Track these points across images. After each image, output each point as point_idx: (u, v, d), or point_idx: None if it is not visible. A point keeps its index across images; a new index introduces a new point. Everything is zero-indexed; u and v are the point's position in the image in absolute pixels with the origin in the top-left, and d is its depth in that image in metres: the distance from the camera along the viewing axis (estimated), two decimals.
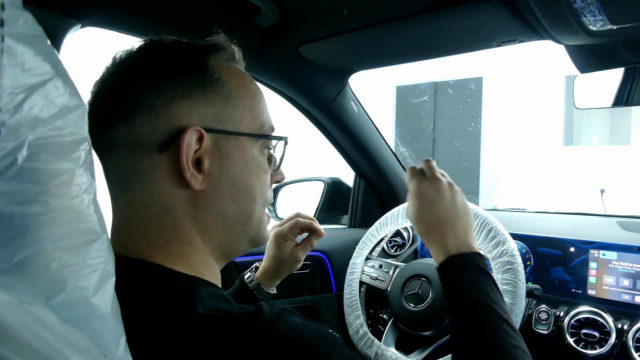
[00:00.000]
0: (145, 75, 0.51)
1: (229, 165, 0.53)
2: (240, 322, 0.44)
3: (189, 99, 0.50)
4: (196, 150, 0.50)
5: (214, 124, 0.51)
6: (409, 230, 1.45)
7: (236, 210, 0.54)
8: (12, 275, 0.30)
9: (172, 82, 0.50)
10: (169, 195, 0.50)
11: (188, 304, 0.45)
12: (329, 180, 1.67)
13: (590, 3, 0.74)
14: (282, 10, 0.97)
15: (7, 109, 0.29)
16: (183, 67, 0.52)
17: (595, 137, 6.63)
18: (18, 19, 0.30)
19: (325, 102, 1.31)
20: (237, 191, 0.54)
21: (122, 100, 0.51)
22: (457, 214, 0.75)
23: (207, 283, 0.51)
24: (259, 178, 0.56)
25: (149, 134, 0.49)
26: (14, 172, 0.30)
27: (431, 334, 1.02)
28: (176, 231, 0.51)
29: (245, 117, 0.54)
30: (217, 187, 0.52)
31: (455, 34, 0.97)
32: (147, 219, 0.51)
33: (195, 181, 0.50)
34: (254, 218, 0.56)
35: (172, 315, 0.45)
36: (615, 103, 1.00)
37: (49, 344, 0.29)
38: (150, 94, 0.50)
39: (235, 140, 0.53)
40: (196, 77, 0.51)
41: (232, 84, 0.53)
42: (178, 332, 0.43)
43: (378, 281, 1.13)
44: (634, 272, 1.03)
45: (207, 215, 0.53)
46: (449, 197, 0.75)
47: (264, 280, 0.90)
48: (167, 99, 0.50)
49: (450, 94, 7.34)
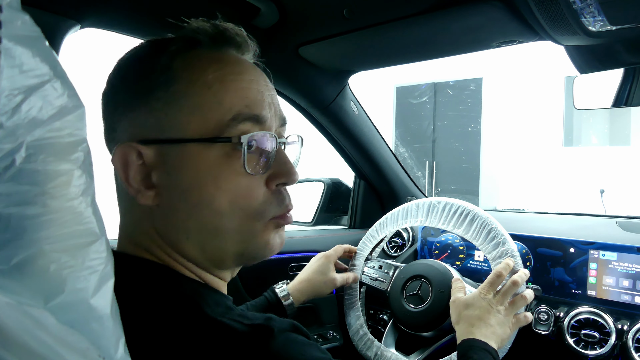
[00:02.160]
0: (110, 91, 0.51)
1: (177, 178, 0.47)
2: (249, 334, 0.44)
3: (132, 111, 0.48)
4: (141, 164, 0.47)
5: (155, 134, 0.47)
6: (408, 231, 1.45)
7: (198, 226, 0.48)
8: (11, 277, 0.30)
9: (123, 96, 0.49)
10: (134, 210, 0.50)
11: (194, 305, 0.45)
12: (329, 181, 1.67)
13: (589, 4, 0.73)
14: (282, 11, 0.97)
15: (5, 110, 0.29)
16: (132, 78, 0.49)
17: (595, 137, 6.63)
18: (16, 20, 0.30)
19: (325, 103, 1.31)
20: (192, 206, 0.47)
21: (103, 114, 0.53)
22: (495, 327, 0.85)
23: (210, 289, 0.51)
24: (220, 187, 0.47)
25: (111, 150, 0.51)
26: (12, 174, 0.30)
27: (431, 334, 1.02)
28: (153, 243, 0.50)
29: (192, 119, 0.47)
30: (169, 202, 0.48)
31: (454, 35, 0.97)
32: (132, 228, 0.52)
33: (142, 197, 0.48)
34: (228, 232, 0.49)
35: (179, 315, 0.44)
36: (614, 103, 1.00)
37: (48, 346, 0.29)
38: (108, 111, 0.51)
39: (182, 148, 0.47)
40: (143, 84, 0.48)
41: (181, 81, 0.47)
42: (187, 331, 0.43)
43: (378, 282, 1.13)
44: (633, 273, 1.03)
45: (171, 232, 0.49)
46: (501, 317, 0.86)
47: (295, 292, 1.00)
48: (118, 114, 0.49)
49: (450, 94, 7.34)
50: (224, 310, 0.46)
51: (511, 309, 0.88)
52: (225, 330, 0.43)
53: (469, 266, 1.27)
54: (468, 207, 1.01)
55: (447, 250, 1.32)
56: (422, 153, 7.49)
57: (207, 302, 0.46)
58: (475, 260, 1.27)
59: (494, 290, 0.88)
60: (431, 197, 1.11)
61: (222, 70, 0.49)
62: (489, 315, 0.85)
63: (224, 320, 0.44)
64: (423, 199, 1.10)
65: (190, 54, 0.49)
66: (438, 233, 1.35)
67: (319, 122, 1.38)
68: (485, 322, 0.84)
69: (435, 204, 1.06)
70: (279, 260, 1.32)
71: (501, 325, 0.85)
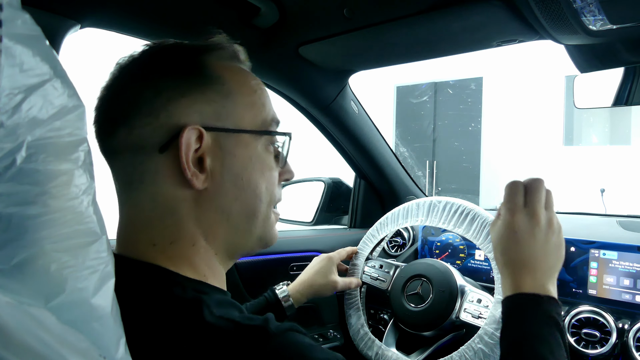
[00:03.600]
0: (144, 78, 0.51)
1: (231, 163, 0.52)
2: (246, 335, 0.44)
3: (188, 98, 0.50)
4: (197, 149, 0.50)
5: (214, 122, 0.51)
6: (409, 230, 1.44)
7: (240, 208, 0.54)
8: (12, 277, 0.30)
9: (170, 82, 0.50)
10: (173, 195, 0.51)
11: (195, 310, 0.45)
12: (329, 180, 1.67)
13: (590, 3, 0.73)
14: (282, 11, 0.97)
15: (6, 109, 0.29)
16: (181, 67, 0.52)
17: (596, 137, 6.62)
18: (16, 19, 0.30)
19: (325, 103, 1.31)
20: (240, 189, 0.53)
21: (123, 103, 0.51)
22: (544, 256, 0.69)
23: (213, 288, 0.51)
24: (264, 175, 0.55)
25: (149, 135, 0.49)
26: (13, 173, 0.30)
27: (432, 334, 1.02)
28: (180, 232, 0.51)
29: (246, 113, 0.54)
30: (220, 185, 0.52)
31: (455, 34, 0.97)
32: (151, 221, 0.51)
33: (196, 180, 0.50)
34: (260, 216, 0.56)
35: (179, 321, 0.44)
36: (615, 103, 1.00)
37: (49, 346, 0.29)
38: (148, 95, 0.50)
39: (237, 138, 0.52)
40: (194, 76, 0.51)
41: (231, 81, 0.53)
42: (184, 339, 0.43)
43: (379, 281, 1.13)
44: (634, 272, 1.03)
45: (211, 214, 0.52)
46: (542, 238, 0.69)
47: (295, 293, 1.00)
48: (165, 99, 0.50)
49: (451, 94, 7.34)
50: (225, 309, 0.46)
51: (551, 212, 0.72)
52: (222, 333, 0.44)
53: (470, 265, 1.27)
54: (469, 206, 1.00)
55: (448, 250, 1.32)
56: (422, 152, 7.49)
57: (207, 303, 0.46)
58: (475, 259, 1.27)
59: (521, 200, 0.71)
60: (432, 197, 1.11)
61: (256, 79, 0.57)
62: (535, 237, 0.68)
63: (222, 322, 0.44)
64: (423, 199, 1.10)
65: (228, 62, 0.56)
66: (439, 232, 1.35)
67: (319, 122, 1.38)
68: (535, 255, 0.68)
69: (435, 204, 1.06)
70: (279, 260, 1.32)
71: (557, 247, 0.70)
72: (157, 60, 0.53)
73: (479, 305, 0.96)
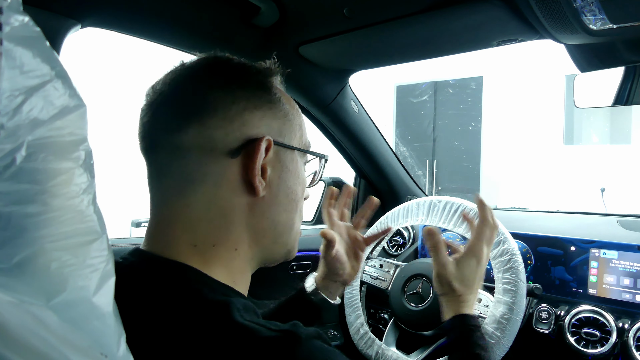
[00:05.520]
0: (222, 84, 0.54)
1: (287, 176, 0.56)
2: (277, 339, 0.44)
3: (259, 111, 0.54)
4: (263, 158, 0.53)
5: (277, 136, 0.55)
6: (409, 230, 1.45)
7: (286, 219, 0.58)
8: (12, 276, 0.30)
9: (246, 94, 0.53)
10: (231, 199, 0.52)
11: (225, 312, 0.45)
12: (330, 180, 1.67)
13: (590, 2, 0.73)
14: (282, 10, 0.97)
15: (6, 111, 0.29)
16: (254, 83, 0.55)
17: (596, 136, 6.62)
18: (16, 21, 0.30)
19: (325, 102, 1.31)
20: (290, 201, 0.57)
21: (196, 103, 0.52)
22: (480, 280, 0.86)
23: (238, 293, 0.52)
24: (304, 190, 0.61)
25: (221, 138, 0.51)
26: (13, 172, 0.30)
27: (432, 333, 1.02)
28: (227, 235, 0.53)
29: (297, 133, 0.59)
30: (275, 196, 0.55)
31: (455, 34, 0.97)
32: (200, 221, 0.52)
33: (261, 187, 0.53)
34: (295, 229, 0.60)
35: (207, 321, 0.45)
36: (615, 102, 1.00)
37: (50, 344, 0.29)
38: (226, 101, 0.52)
39: (291, 154, 0.57)
40: (264, 93, 0.55)
41: (287, 104, 0.58)
42: (212, 339, 0.44)
43: (379, 281, 1.13)
44: (634, 271, 1.03)
45: (262, 222, 0.55)
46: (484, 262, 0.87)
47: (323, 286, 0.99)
48: (241, 108, 0.52)
49: (451, 93, 7.33)
50: (252, 315, 0.47)
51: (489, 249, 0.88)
52: (254, 335, 0.44)
53: None
54: (469, 206, 1.01)
55: (448, 249, 1.32)
56: (422, 152, 7.48)
57: (237, 306, 0.46)
58: None
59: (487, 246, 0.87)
60: (432, 196, 1.11)
61: (297, 106, 0.62)
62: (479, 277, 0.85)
63: (253, 325, 0.45)
64: (424, 198, 1.10)
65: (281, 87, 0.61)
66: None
67: (320, 121, 1.38)
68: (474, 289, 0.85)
69: (435, 203, 1.06)
70: None
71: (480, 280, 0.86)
72: (231, 70, 0.56)
73: (479, 305, 0.96)
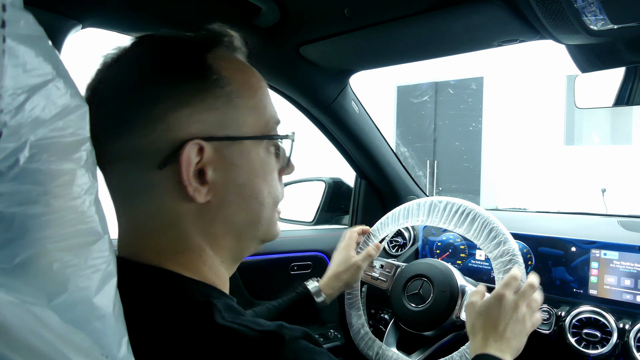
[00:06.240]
0: (139, 81, 0.47)
1: (235, 173, 0.50)
2: (261, 340, 0.43)
3: (187, 107, 0.46)
4: (198, 161, 0.47)
5: (216, 131, 0.48)
6: (410, 230, 1.45)
7: (245, 217, 0.52)
8: (14, 276, 0.30)
9: (168, 89, 0.46)
10: (175, 209, 0.48)
11: (206, 313, 0.44)
12: (330, 180, 1.67)
13: (591, 2, 0.73)
14: (283, 11, 0.97)
15: (9, 109, 0.29)
16: (180, 71, 0.47)
17: (597, 136, 6.61)
18: (19, 20, 0.30)
19: (326, 103, 1.31)
20: (244, 199, 0.51)
21: (116, 109, 0.47)
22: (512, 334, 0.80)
23: (221, 293, 0.50)
24: (266, 181, 0.53)
25: (146, 148, 0.46)
26: (16, 173, 0.30)
27: (432, 334, 1.02)
28: (185, 243, 0.49)
29: (248, 118, 0.50)
30: (223, 198, 0.49)
31: (455, 34, 0.97)
32: (153, 232, 0.49)
33: (198, 195, 0.47)
34: (263, 221, 0.54)
35: (189, 323, 0.44)
36: (616, 102, 1.00)
37: (51, 345, 0.29)
38: (144, 103, 0.46)
39: (239, 145, 0.50)
40: (195, 80, 0.47)
41: (233, 82, 0.49)
42: (194, 341, 0.42)
43: (379, 281, 1.13)
44: (635, 272, 1.03)
45: (216, 227, 0.50)
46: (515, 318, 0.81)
47: (325, 288, 1.02)
48: (163, 110, 0.46)
49: (451, 93, 7.33)
50: (235, 315, 0.46)
51: (530, 313, 0.83)
52: (236, 336, 0.43)
53: (470, 265, 1.27)
54: (469, 206, 1.01)
55: (449, 250, 1.32)
56: (423, 152, 7.48)
57: (218, 307, 0.45)
58: (476, 259, 1.27)
59: (511, 293, 0.83)
60: (432, 197, 1.11)
61: (257, 76, 0.54)
62: (506, 324, 0.79)
63: (235, 326, 0.43)
64: (424, 198, 1.10)
65: (229, 57, 0.52)
66: (439, 232, 1.35)
67: (320, 122, 1.38)
68: (502, 334, 0.79)
69: (436, 203, 1.06)
70: (280, 260, 1.32)
71: (517, 336, 0.80)
72: (152, 59, 0.48)
73: None
